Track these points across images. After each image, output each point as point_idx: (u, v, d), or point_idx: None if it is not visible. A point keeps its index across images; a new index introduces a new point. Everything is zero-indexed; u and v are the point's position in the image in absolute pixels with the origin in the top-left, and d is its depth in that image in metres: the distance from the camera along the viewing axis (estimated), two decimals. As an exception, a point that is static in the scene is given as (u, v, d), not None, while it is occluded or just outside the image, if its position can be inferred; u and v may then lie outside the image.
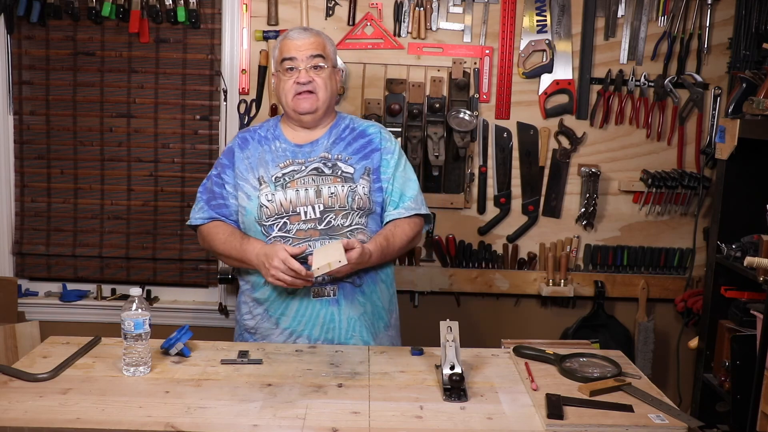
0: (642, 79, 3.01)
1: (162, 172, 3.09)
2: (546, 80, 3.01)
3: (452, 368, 1.72)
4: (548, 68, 3.00)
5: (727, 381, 2.52)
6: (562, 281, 3.07)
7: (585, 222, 3.09)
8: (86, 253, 3.15)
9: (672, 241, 3.13)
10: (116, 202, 3.12)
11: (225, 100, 3.02)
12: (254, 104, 3.00)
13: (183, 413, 1.59)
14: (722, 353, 2.60)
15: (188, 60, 3.03)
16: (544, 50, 3.00)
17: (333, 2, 2.94)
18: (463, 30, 2.98)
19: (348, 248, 1.86)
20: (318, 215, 2.05)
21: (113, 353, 1.89)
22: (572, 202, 3.11)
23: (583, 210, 3.08)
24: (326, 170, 2.09)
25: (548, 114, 3.04)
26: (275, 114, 2.93)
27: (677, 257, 3.13)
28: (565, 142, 3.07)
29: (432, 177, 3.00)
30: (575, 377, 1.81)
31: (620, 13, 2.99)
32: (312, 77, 2.08)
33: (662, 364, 3.21)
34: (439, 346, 1.77)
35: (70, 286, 3.18)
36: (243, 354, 1.92)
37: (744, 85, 2.61)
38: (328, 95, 2.11)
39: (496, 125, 3.05)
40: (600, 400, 1.69)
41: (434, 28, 2.97)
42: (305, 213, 2.05)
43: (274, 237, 2.05)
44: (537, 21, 2.98)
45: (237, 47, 2.98)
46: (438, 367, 1.80)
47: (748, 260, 2.01)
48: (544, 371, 1.86)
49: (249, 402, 1.66)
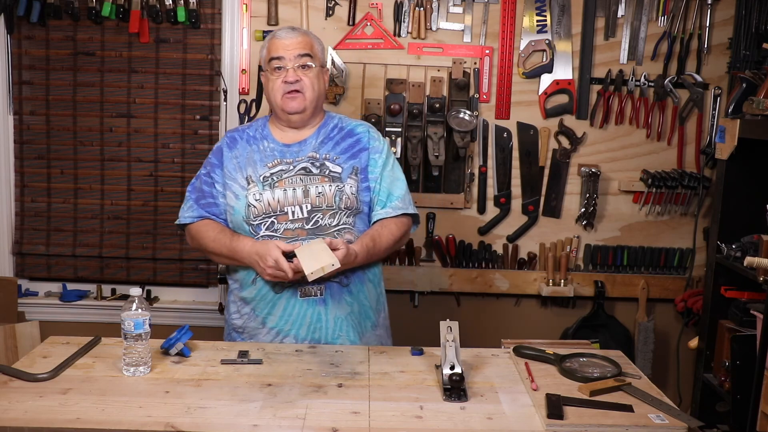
0: (642, 79, 3.01)
1: (162, 172, 3.09)
2: (546, 80, 3.01)
3: (452, 368, 1.72)
4: (548, 68, 3.00)
5: (727, 381, 2.52)
6: (562, 281, 3.07)
7: (585, 222, 3.09)
8: (86, 253, 3.15)
9: (672, 241, 3.13)
10: (116, 202, 3.12)
11: (225, 100, 3.02)
12: (254, 104, 3.00)
13: (183, 413, 1.59)
14: (722, 353, 2.60)
15: (188, 60, 3.04)
16: (544, 50, 3.00)
17: (333, 2, 2.94)
18: (463, 30, 2.98)
19: (332, 248, 1.85)
20: (305, 215, 2.05)
21: (113, 353, 1.89)
22: (572, 202, 3.11)
23: (583, 210, 3.08)
24: (314, 170, 2.09)
25: (548, 114, 3.04)
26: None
27: (677, 257, 3.13)
28: (565, 142, 3.07)
29: (432, 177, 3.01)
30: (575, 377, 1.81)
31: (620, 13, 2.99)
32: (300, 77, 2.07)
33: (662, 364, 3.21)
34: (439, 346, 1.77)
35: (70, 286, 3.18)
36: (243, 354, 1.92)
37: (744, 85, 2.61)
38: (316, 95, 2.11)
39: (496, 125, 3.05)
40: (600, 400, 1.69)
41: (434, 28, 2.97)
42: (293, 213, 2.05)
43: (262, 236, 2.05)
44: (537, 21, 2.98)
45: (237, 47, 2.98)
46: (438, 367, 1.79)
47: (748, 260, 2.01)
48: (544, 371, 1.86)
49: (249, 402, 1.66)
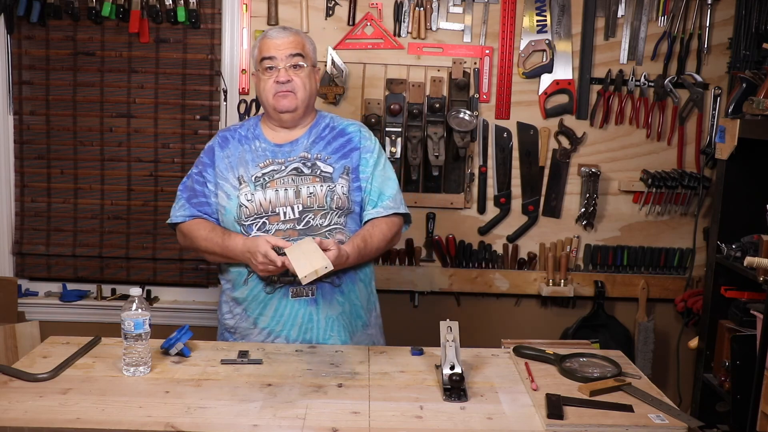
0: (642, 79, 3.01)
1: (162, 172, 3.09)
2: (546, 80, 3.01)
3: (452, 368, 1.72)
4: (548, 68, 3.00)
5: (727, 381, 2.52)
6: (562, 281, 3.07)
7: (585, 222, 3.09)
8: (86, 253, 3.15)
9: (672, 241, 3.13)
10: (116, 202, 3.12)
11: (225, 100, 3.02)
12: (254, 104, 2.99)
13: (183, 413, 1.59)
14: (722, 353, 2.60)
15: (188, 60, 3.03)
16: (544, 50, 3.00)
17: (333, 2, 2.94)
18: (463, 30, 2.98)
19: (323, 248, 1.84)
20: (297, 215, 2.05)
21: (113, 353, 1.89)
22: (572, 202, 3.11)
23: (583, 210, 3.08)
24: (305, 170, 2.08)
25: (548, 114, 3.04)
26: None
27: (677, 257, 3.13)
28: (565, 142, 3.07)
29: (432, 177, 3.01)
30: (575, 377, 1.81)
31: (620, 13, 2.99)
32: (291, 76, 2.07)
33: (662, 364, 3.21)
34: (439, 346, 1.77)
35: (70, 286, 3.17)
36: (243, 354, 1.92)
37: (744, 85, 2.61)
38: (308, 94, 2.11)
39: (496, 125, 3.05)
40: (600, 400, 1.70)
41: (434, 28, 2.97)
42: (284, 213, 2.05)
43: (254, 236, 2.04)
44: (537, 21, 2.98)
45: (237, 47, 2.98)
46: (438, 367, 1.79)
47: (748, 260, 2.01)
48: (544, 371, 1.86)
49: (249, 402, 1.66)
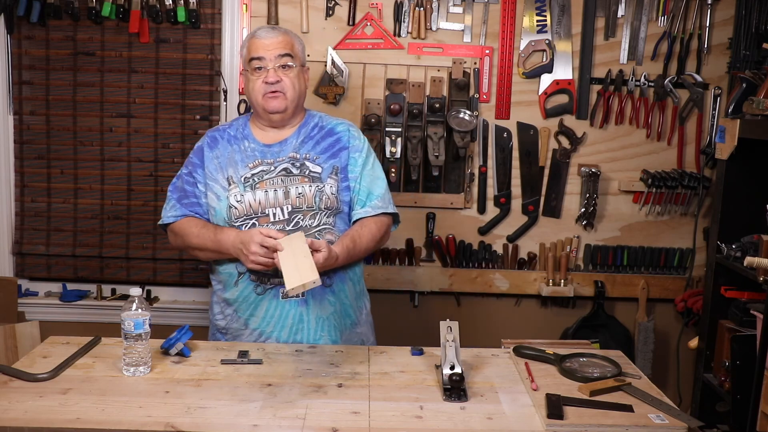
0: (642, 79, 3.01)
1: (162, 172, 3.09)
2: (546, 80, 3.01)
3: (452, 368, 1.72)
4: (548, 68, 3.00)
5: (727, 381, 2.52)
6: (562, 281, 3.07)
7: (585, 222, 3.09)
8: (86, 253, 3.15)
9: (672, 241, 3.13)
10: (116, 202, 3.12)
11: (225, 100, 3.02)
12: (254, 104, 3.00)
13: (183, 413, 1.59)
14: (722, 353, 2.60)
15: (188, 60, 3.03)
16: (544, 50, 3.00)
17: (333, 2, 2.94)
18: (463, 30, 2.98)
19: (314, 249, 1.84)
20: (286, 216, 2.05)
21: (113, 353, 1.89)
22: (572, 202, 3.11)
23: (583, 210, 3.08)
24: (294, 170, 2.08)
25: (548, 114, 3.04)
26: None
27: (677, 257, 3.13)
28: (565, 142, 3.07)
29: (432, 177, 3.01)
30: (575, 377, 1.81)
31: (620, 13, 2.99)
32: (280, 77, 2.06)
33: (662, 364, 3.21)
34: (439, 346, 1.77)
35: (70, 286, 3.17)
36: (243, 354, 1.92)
37: (744, 85, 2.61)
38: (297, 94, 2.10)
39: (496, 125, 3.05)
40: (600, 400, 1.70)
41: (434, 28, 2.97)
42: (274, 214, 2.05)
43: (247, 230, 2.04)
44: (537, 21, 2.98)
45: (237, 47, 2.97)
46: (438, 367, 1.80)
47: (748, 260, 2.01)
48: (544, 371, 1.86)
49: (249, 402, 1.66)
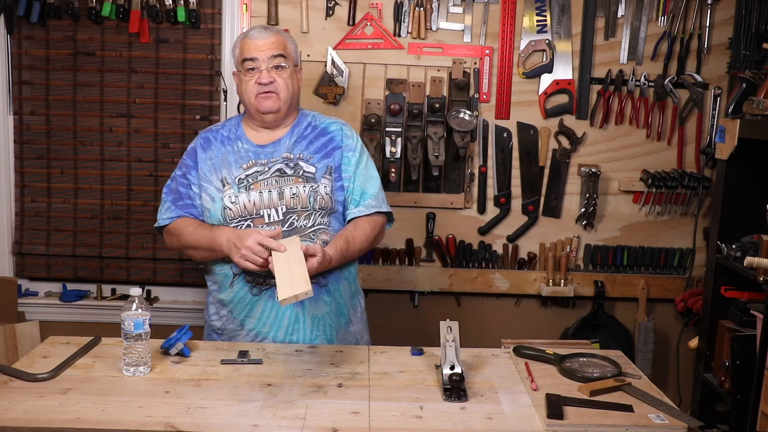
0: (642, 79, 3.01)
1: (162, 172, 3.09)
2: (546, 80, 3.01)
3: (452, 368, 1.72)
4: (548, 68, 3.00)
5: (727, 381, 2.52)
6: (562, 281, 3.07)
7: (585, 222, 3.09)
8: (86, 253, 3.15)
9: (672, 241, 3.13)
10: (116, 202, 3.12)
11: (225, 100, 3.02)
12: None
13: (183, 413, 1.59)
14: (722, 353, 2.60)
15: (188, 60, 3.03)
16: (544, 50, 3.00)
17: (333, 2, 2.94)
18: (463, 30, 2.98)
19: (309, 254, 1.84)
20: (281, 217, 2.05)
21: (113, 353, 1.89)
22: (572, 202, 3.11)
23: (583, 210, 3.08)
24: (288, 171, 2.08)
25: (548, 114, 3.04)
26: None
27: (677, 257, 3.13)
28: (565, 142, 3.07)
29: (432, 177, 3.00)
30: (575, 377, 1.81)
31: (620, 13, 2.99)
32: (273, 77, 2.06)
33: (662, 364, 3.21)
34: (439, 346, 1.77)
35: (70, 286, 3.17)
36: (243, 354, 1.92)
37: (744, 85, 2.61)
38: (290, 95, 2.09)
39: (496, 125, 3.05)
40: (600, 400, 1.70)
41: (434, 28, 2.97)
42: (268, 215, 2.04)
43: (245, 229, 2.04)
44: (537, 21, 2.98)
45: (237, 47, 2.98)
46: (438, 367, 1.80)
47: (748, 260, 2.01)
48: (544, 371, 1.86)
49: (249, 402, 1.66)
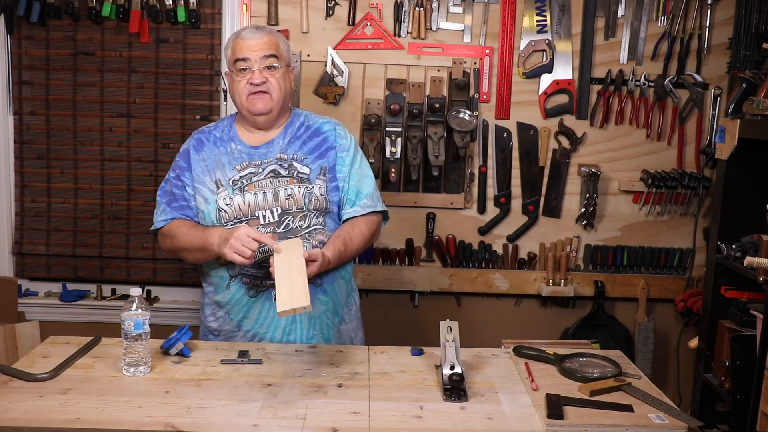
0: (642, 79, 3.01)
1: (162, 172, 3.08)
2: (546, 80, 3.01)
3: (452, 368, 1.72)
4: (548, 68, 3.00)
5: (727, 381, 2.52)
6: (562, 281, 3.07)
7: (585, 222, 3.09)
8: (86, 253, 3.15)
9: (672, 241, 3.13)
10: (116, 202, 3.12)
11: (225, 100, 3.02)
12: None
13: (183, 413, 1.59)
14: (722, 353, 2.60)
15: (188, 60, 3.04)
16: (544, 50, 3.00)
17: (333, 2, 2.94)
18: (463, 30, 2.98)
19: (310, 260, 1.85)
20: (276, 218, 2.04)
21: (113, 353, 1.89)
22: (572, 202, 3.11)
23: (583, 210, 3.08)
24: (282, 171, 2.07)
25: (548, 114, 3.04)
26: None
27: (677, 257, 3.13)
28: (565, 142, 3.07)
29: (432, 177, 3.00)
30: (575, 377, 1.81)
31: (620, 13, 2.99)
32: (266, 77, 2.04)
33: (662, 364, 3.21)
34: (439, 346, 1.77)
35: (70, 286, 3.17)
36: (243, 354, 1.92)
37: (744, 85, 2.61)
38: (282, 95, 2.08)
39: (496, 125, 3.05)
40: (600, 400, 1.69)
41: (434, 28, 2.97)
42: (264, 217, 2.04)
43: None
44: (537, 21, 2.98)
45: (237, 47, 2.97)
46: (438, 367, 1.79)
47: (748, 260, 2.01)
48: (544, 371, 1.86)
49: (249, 402, 1.66)
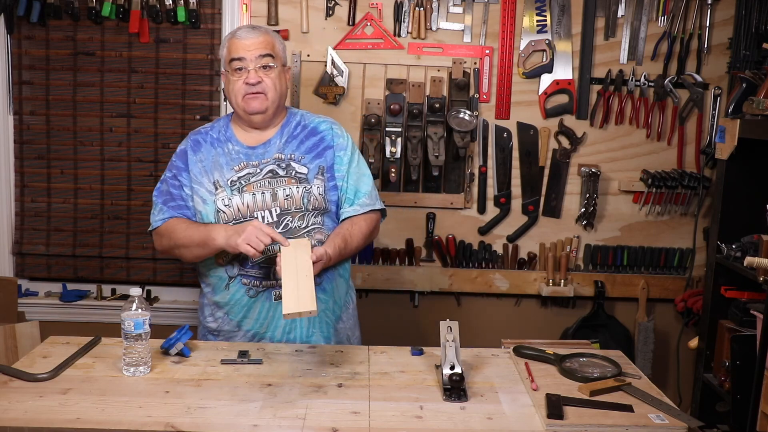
0: (642, 79, 3.01)
1: (162, 173, 3.07)
2: (546, 80, 3.01)
3: (452, 368, 1.72)
4: (548, 68, 3.00)
5: (727, 381, 2.52)
6: (562, 281, 3.07)
7: (585, 222, 3.09)
8: (86, 253, 3.15)
9: (672, 241, 3.13)
10: (116, 202, 3.12)
11: (225, 100, 3.02)
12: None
13: (183, 413, 1.59)
14: (722, 353, 2.60)
15: (188, 60, 3.04)
16: (544, 50, 3.00)
17: (333, 2, 2.94)
18: (463, 30, 2.98)
19: (314, 261, 1.85)
20: (275, 219, 2.04)
21: (113, 353, 1.89)
22: (572, 202, 3.11)
23: (583, 210, 3.08)
24: (280, 171, 2.08)
25: (548, 114, 3.04)
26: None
27: (677, 257, 3.13)
28: (565, 142, 3.06)
29: (432, 177, 3.00)
30: (575, 377, 1.81)
31: (620, 13, 2.99)
32: (261, 77, 2.04)
33: (662, 364, 3.21)
34: (439, 346, 1.77)
35: (70, 286, 3.17)
36: (243, 354, 1.92)
37: (744, 85, 2.61)
38: (278, 95, 2.08)
39: (496, 125, 3.05)
40: (600, 400, 1.69)
41: (434, 28, 2.97)
42: (262, 217, 2.04)
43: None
44: (537, 21, 2.98)
45: (237, 47, 2.97)
46: (438, 367, 1.79)
47: (748, 260, 2.01)
48: (544, 371, 1.86)
49: (249, 402, 1.66)
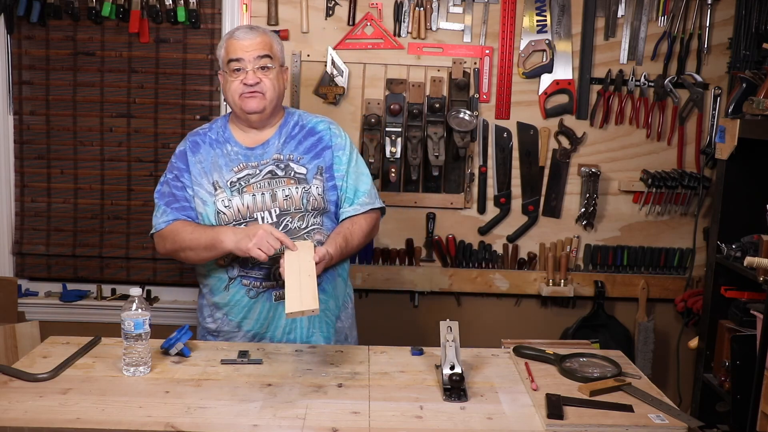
0: (642, 79, 3.01)
1: (162, 172, 3.08)
2: (546, 80, 3.01)
3: (452, 368, 1.72)
4: (548, 68, 3.00)
5: (727, 381, 2.52)
6: (562, 281, 3.07)
7: (585, 222, 3.09)
8: (86, 253, 3.15)
9: (672, 241, 3.13)
10: (116, 202, 3.12)
11: (225, 100, 3.01)
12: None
13: (183, 413, 1.59)
14: (722, 353, 2.60)
15: (188, 60, 3.04)
16: (544, 50, 3.00)
17: (333, 2, 2.94)
18: (463, 30, 2.98)
19: (316, 262, 1.86)
20: (275, 219, 2.05)
21: (113, 353, 1.89)
22: (572, 202, 3.11)
23: (583, 210, 3.08)
24: (279, 172, 2.08)
25: (548, 114, 3.04)
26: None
27: (677, 257, 3.13)
28: (565, 142, 3.07)
29: (432, 177, 3.00)
30: (575, 377, 1.81)
31: (620, 13, 2.99)
32: (260, 78, 2.05)
33: (662, 364, 3.21)
34: (439, 346, 1.77)
35: (70, 286, 3.17)
36: (243, 354, 1.92)
37: (744, 85, 2.61)
38: (276, 95, 2.09)
39: (496, 125, 3.05)
40: (600, 400, 1.70)
41: (434, 28, 2.97)
42: (262, 218, 2.04)
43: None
44: (537, 21, 2.98)
45: (237, 47, 2.97)
46: (438, 367, 1.80)
47: (748, 260, 2.01)
48: (544, 371, 1.86)
49: (249, 402, 1.66)
